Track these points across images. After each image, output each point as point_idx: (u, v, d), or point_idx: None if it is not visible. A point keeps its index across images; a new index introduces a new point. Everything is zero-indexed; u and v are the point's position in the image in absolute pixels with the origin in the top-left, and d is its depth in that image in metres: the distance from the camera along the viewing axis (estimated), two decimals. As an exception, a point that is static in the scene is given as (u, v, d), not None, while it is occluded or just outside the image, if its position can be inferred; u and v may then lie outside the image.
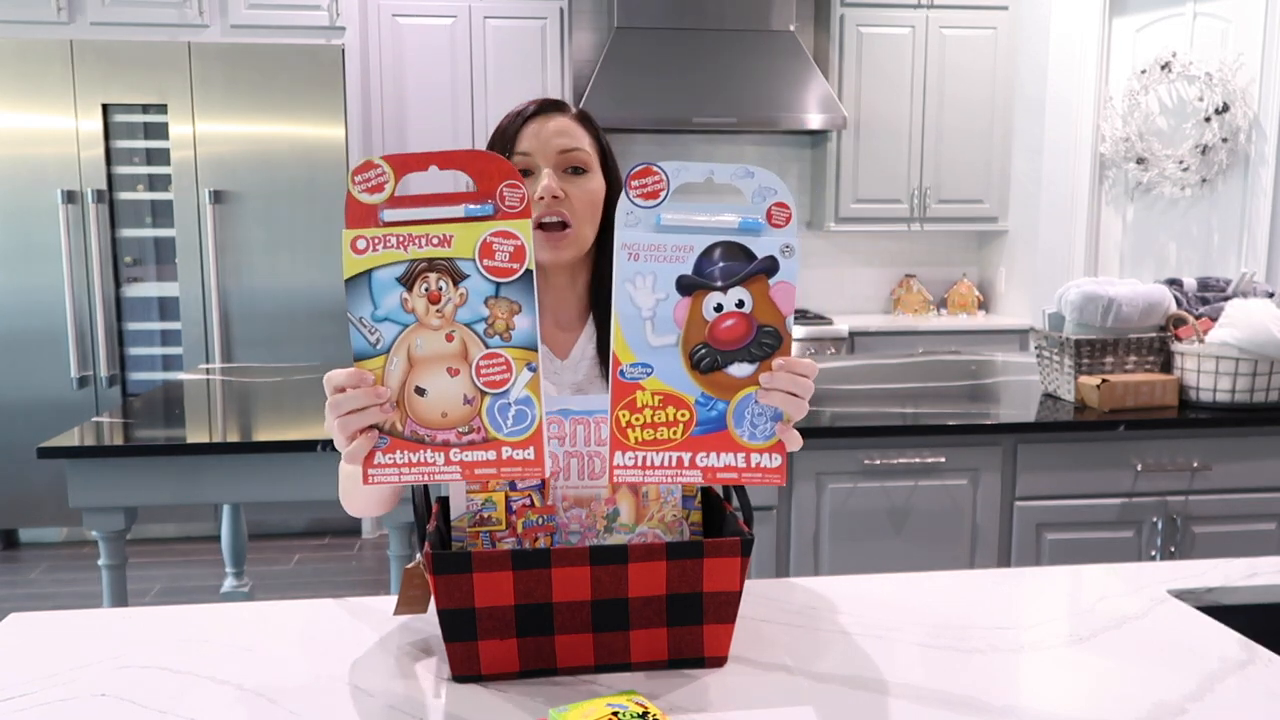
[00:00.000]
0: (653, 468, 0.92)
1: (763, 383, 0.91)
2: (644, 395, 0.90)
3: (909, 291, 4.97)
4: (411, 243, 0.88)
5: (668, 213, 0.88)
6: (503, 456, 0.92)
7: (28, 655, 1.12)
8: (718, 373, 0.90)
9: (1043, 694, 1.03)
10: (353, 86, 4.07)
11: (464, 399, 0.91)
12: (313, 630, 1.20)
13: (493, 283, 0.89)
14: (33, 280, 3.94)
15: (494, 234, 0.88)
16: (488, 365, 0.90)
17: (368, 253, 0.89)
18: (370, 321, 0.90)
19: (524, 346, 0.90)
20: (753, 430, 0.91)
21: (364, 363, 0.91)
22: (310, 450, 2.22)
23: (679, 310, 0.89)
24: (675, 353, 0.89)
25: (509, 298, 0.89)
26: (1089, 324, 2.51)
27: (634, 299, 0.88)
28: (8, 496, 4.02)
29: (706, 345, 0.89)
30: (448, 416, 0.91)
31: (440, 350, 0.90)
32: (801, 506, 2.39)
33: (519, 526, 1.10)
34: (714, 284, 0.88)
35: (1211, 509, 2.46)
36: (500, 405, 0.91)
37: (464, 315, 0.89)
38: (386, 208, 0.89)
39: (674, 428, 0.91)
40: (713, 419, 0.90)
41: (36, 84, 3.86)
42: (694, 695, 1.02)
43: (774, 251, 0.88)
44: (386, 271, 0.89)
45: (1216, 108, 3.79)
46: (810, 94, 4.44)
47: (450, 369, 0.90)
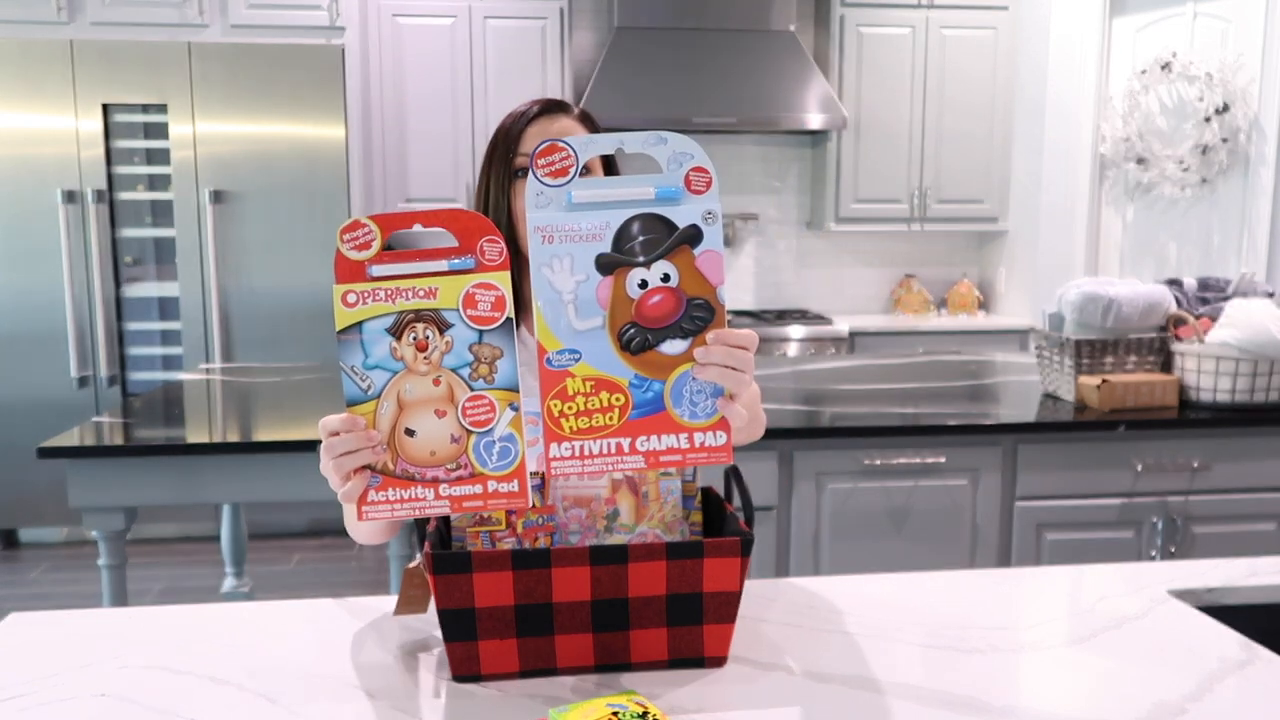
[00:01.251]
0: (591, 456, 0.90)
1: (697, 358, 0.88)
2: (574, 383, 0.88)
3: (909, 291, 4.97)
4: (399, 295, 0.94)
5: (578, 190, 0.84)
6: (489, 490, 0.97)
7: (28, 655, 1.12)
8: (650, 352, 0.87)
9: (1043, 694, 1.03)
10: (353, 86, 4.07)
11: (451, 438, 0.96)
12: (313, 630, 1.20)
13: (476, 330, 0.94)
14: (33, 280, 3.94)
15: (476, 285, 0.94)
16: (473, 406, 0.95)
17: (358, 306, 0.95)
18: (361, 369, 0.96)
19: (505, 388, 0.95)
20: (693, 409, 0.88)
21: (356, 408, 0.97)
22: (310, 450, 2.21)
23: (601, 290, 0.86)
24: (603, 335, 0.87)
25: (491, 343, 0.94)
26: (1089, 324, 2.51)
27: (553, 283, 0.86)
28: (8, 496, 4.02)
29: (635, 324, 0.86)
30: (436, 455, 0.97)
31: (428, 394, 0.96)
32: (801, 506, 2.39)
33: (519, 526, 1.10)
34: (635, 259, 0.85)
35: (1211, 509, 2.46)
36: (485, 443, 0.96)
37: (450, 361, 0.95)
38: (374, 263, 0.95)
39: (609, 413, 0.88)
40: (649, 401, 0.87)
41: (36, 84, 3.86)
42: (694, 695, 1.02)
43: (696, 220, 0.84)
44: (376, 323, 0.95)
45: (1216, 108, 3.79)
46: (810, 94, 4.44)
47: (438, 410, 0.96)
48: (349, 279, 0.95)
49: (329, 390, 2.91)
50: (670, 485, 1.14)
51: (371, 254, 0.95)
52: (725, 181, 4.91)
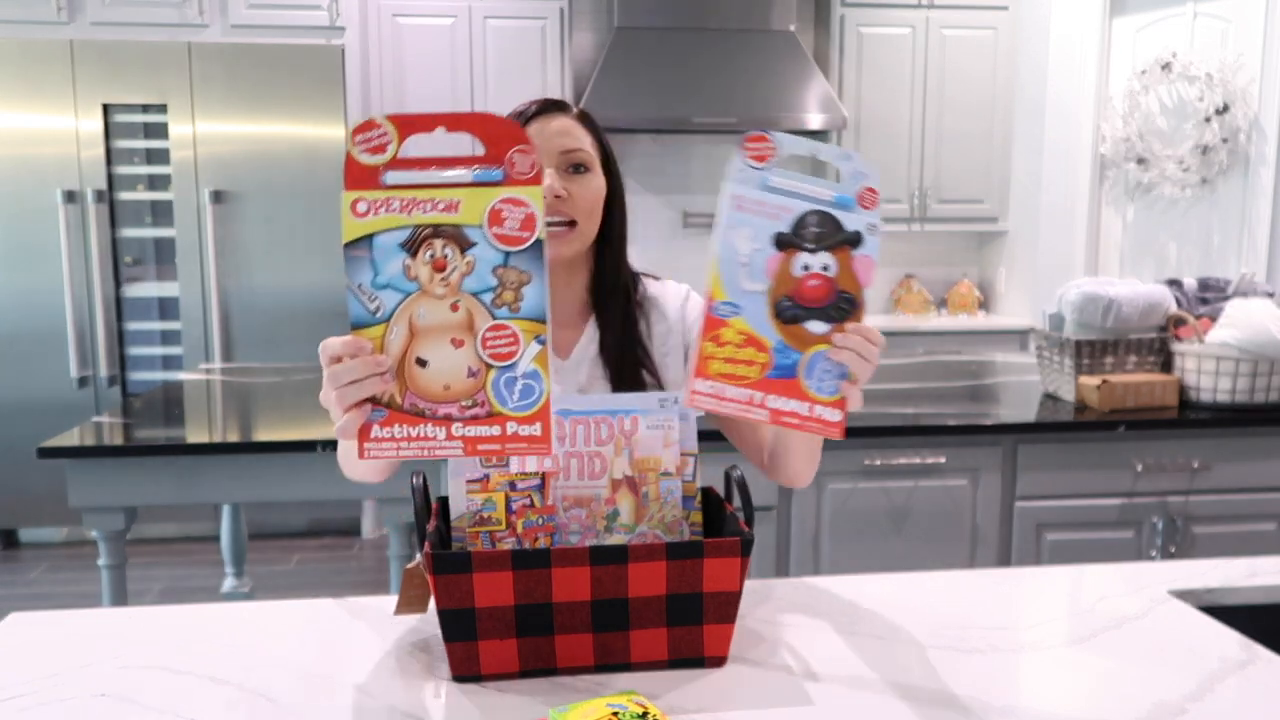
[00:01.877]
0: (725, 399, 0.97)
1: (836, 341, 0.97)
2: (729, 332, 0.96)
3: (909, 292, 4.97)
4: (416, 207, 0.85)
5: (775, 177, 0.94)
6: (507, 432, 0.89)
7: (28, 655, 1.12)
8: (797, 325, 0.96)
9: (1043, 694, 1.03)
10: (353, 86, 4.07)
11: (468, 371, 0.88)
12: (313, 630, 1.20)
13: (501, 251, 0.86)
14: (33, 280, 3.94)
15: (503, 200, 0.85)
16: (494, 337, 0.87)
17: (369, 216, 0.85)
18: (370, 288, 0.87)
19: (533, 318, 0.87)
20: (819, 384, 0.97)
21: (362, 331, 0.88)
22: (310, 450, 2.21)
23: (771, 263, 0.95)
24: (763, 300, 0.95)
25: (518, 267, 0.86)
26: (1089, 324, 2.51)
27: (734, 244, 0.94)
28: (8, 496, 4.02)
29: (791, 299, 0.96)
30: (450, 389, 0.88)
31: (444, 320, 0.87)
32: (801, 506, 2.39)
33: (519, 526, 1.09)
34: (805, 245, 0.95)
35: (1211, 509, 2.46)
36: (506, 379, 0.88)
37: (470, 284, 0.87)
38: (389, 170, 0.85)
39: (751, 366, 0.96)
40: (786, 366, 0.96)
41: (36, 84, 3.86)
42: (694, 695, 1.02)
43: (861, 228, 0.96)
44: (389, 236, 0.85)
45: (1217, 108, 3.79)
46: (810, 94, 4.44)
47: (454, 339, 0.87)
48: (360, 185, 0.86)
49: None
50: (670, 485, 1.14)
51: (386, 158, 0.85)
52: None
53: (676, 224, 4.88)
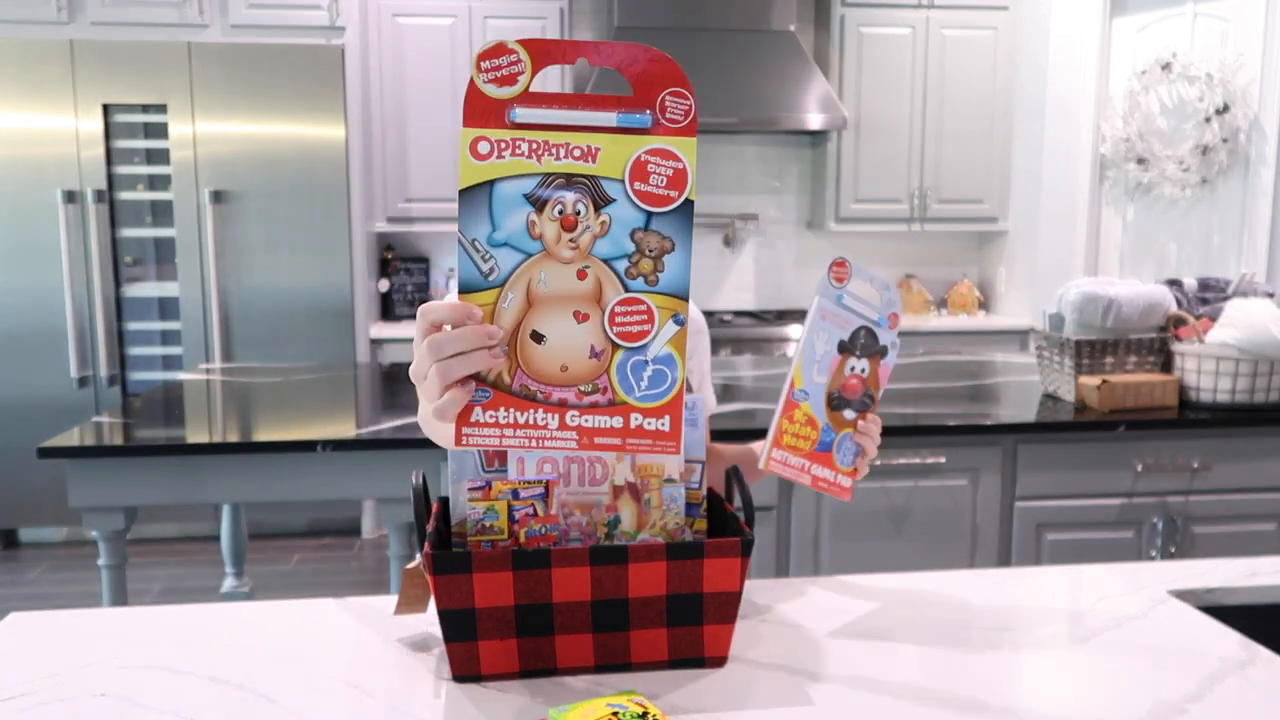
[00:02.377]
0: (789, 466, 1.19)
1: (860, 428, 1.23)
2: (799, 413, 1.18)
3: (909, 292, 4.96)
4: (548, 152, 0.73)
5: (849, 296, 1.19)
6: (631, 425, 0.78)
7: (28, 655, 1.12)
8: (838, 412, 1.21)
9: (1043, 694, 1.03)
10: (353, 86, 4.07)
11: (591, 351, 0.76)
12: (313, 630, 1.20)
13: (644, 211, 0.74)
14: (33, 280, 3.94)
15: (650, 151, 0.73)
16: (625, 312, 0.76)
17: (491, 158, 0.73)
18: (485, 245, 0.74)
19: (672, 293, 0.75)
20: (843, 458, 1.22)
21: (472, 295, 0.75)
22: (310, 450, 2.21)
23: (833, 363, 1.20)
24: (823, 391, 1.20)
25: (660, 231, 0.74)
26: (1089, 324, 2.51)
27: (815, 345, 1.18)
28: (8, 496, 4.01)
29: (838, 392, 1.21)
30: (568, 370, 0.77)
31: (569, 289, 0.75)
32: (801, 506, 2.39)
33: (521, 536, 1.09)
34: (855, 351, 1.21)
35: (1211, 509, 2.46)
36: (635, 362, 0.77)
37: (603, 249, 0.75)
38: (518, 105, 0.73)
39: (807, 441, 1.19)
40: (827, 444, 1.21)
41: (36, 84, 3.86)
42: (694, 695, 1.02)
43: (888, 343, 1.23)
44: (513, 185, 0.73)
45: (1217, 108, 3.79)
46: (810, 94, 4.44)
47: (578, 313, 0.75)
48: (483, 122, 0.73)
49: (329, 390, 2.91)
50: (673, 492, 1.13)
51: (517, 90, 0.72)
52: (725, 181, 4.92)
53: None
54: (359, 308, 4.08)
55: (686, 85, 0.73)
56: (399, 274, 4.58)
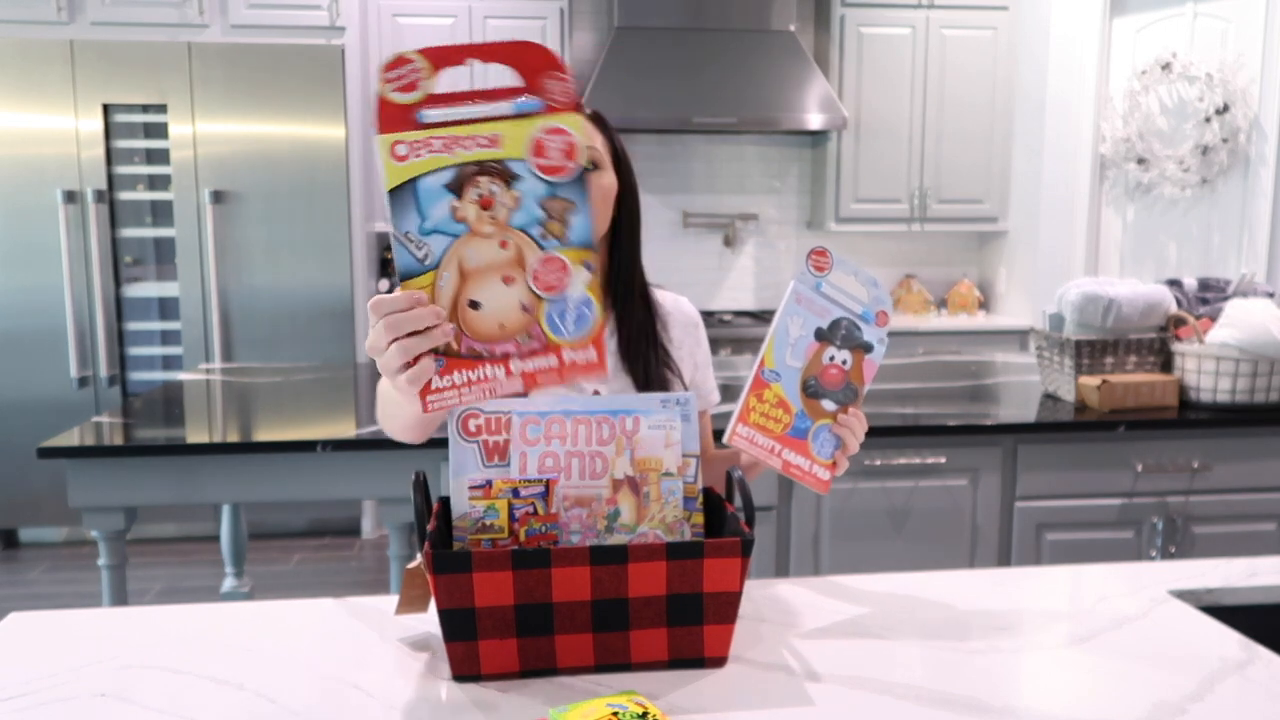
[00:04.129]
0: (756, 444, 1.18)
1: (840, 420, 1.20)
2: (769, 393, 1.17)
3: (909, 292, 4.96)
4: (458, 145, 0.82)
5: (827, 286, 1.19)
6: (565, 361, 0.90)
7: (28, 655, 1.12)
8: (815, 400, 1.19)
9: (1043, 694, 1.03)
10: (353, 86, 4.07)
11: (521, 307, 0.87)
12: (313, 630, 1.20)
13: (547, 182, 0.85)
14: (33, 280, 3.94)
15: (545, 130, 0.84)
16: (545, 269, 0.86)
17: (410, 159, 0.82)
18: (417, 236, 0.84)
19: (580, 245, 0.86)
20: (820, 449, 1.21)
21: (413, 281, 0.84)
22: (310, 450, 2.21)
23: (810, 349, 1.19)
24: (797, 375, 1.19)
25: (564, 196, 0.85)
26: (1089, 324, 2.51)
27: (788, 327, 1.18)
28: (8, 496, 4.01)
29: (816, 380, 1.20)
30: (505, 327, 0.87)
31: (494, 259, 0.85)
32: (801, 506, 2.39)
33: (521, 535, 1.09)
34: (835, 341, 1.19)
35: (1211, 509, 2.46)
36: (559, 309, 0.88)
37: (518, 219, 0.85)
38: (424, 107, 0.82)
39: (778, 424, 1.18)
40: (801, 430, 1.19)
41: (36, 84, 3.86)
42: (694, 695, 1.02)
43: (874, 340, 1.21)
44: (433, 178, 0.82)
45: (1217, 108, 3.79)
46: (810, 94, 4.44)
47: (505, 277, 0.86)
48: (395, 126, 0.82)
49: (329, 390, 2.91)
50: (672, 486, 1.14)
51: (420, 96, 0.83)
52: (725, 181, 4.92)
53: (676, 224, 4.89)
54: (359, 308, 4.08)
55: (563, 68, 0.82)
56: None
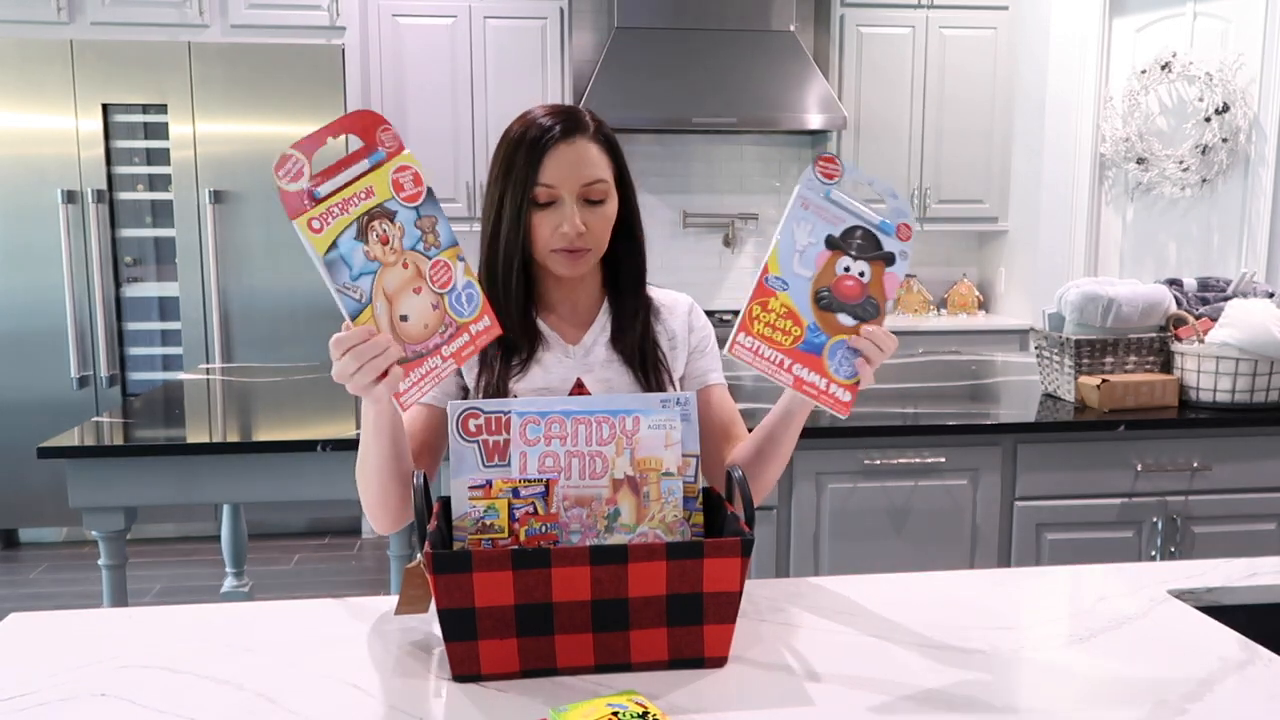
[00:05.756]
0: (761, 356, 1.13)
1: (863, 332, 1.13)
2: (775, 302, 1.11)
3: (909, 292, 4.97)
4: (350, 204, 1.04)
5: (837, 192, 1.12)
6: (472, 333, 1.11)
7: (28, 655, 1.12)
8: (829, 314, 1.12)
9: (1043, 694, 1.03)
10: (353, 86, 4.07)
11: (431, 307, 1.09)
12: (313, 630, 1.20)
13: (412, 208, 1.07)
14: (33, 280, 3.94)
15: (395, 171, 1.06)
16: (436, 272, 1.09)
17: (324, 229, 1.03)
18: (350, 284, 1.06)
19: (450, 245, 1.09)
20: (838, 367, 1.13)
21: (359, 319, 1.06)
22: (310, 450, 2.21)
23: (820, 257, 1.11)
24: (807, 285, 1.12)
25: (426, 214, 1.07)
26: (1089, 324, 2.51)
27: (794, 234, 1.11)
28: (8, 496, 4.01)
29: (829, 290, 1.12)
30: (429, 326, 1.09)
31: (403, 278, 1.07)
32: (801, 506, 2.39)
33: (521, 534, 1.09)
34: (850, 251, 1.12)
35: (1211, 509, 2.46)
36: (454, 297, 1.10)
37: (407, 243, 1.07)
38: (315, 186, 1.03)
39: (787, 336, 1.12)
40: (815, 344, 1.12)
41: (36, 84, 3.86)
42: (694, 695, 1.02)
43: (895, 251, 1.13)
44: (345, 236, 1.04)
45: (1216, 108, 3.79)
46: (810, 94, 4.44)
47: (415, 289, 1.08)
48: (303, 209, 1.02)
49: (329, 390, 2.91)
50: (671, 485, 1.14)
51: (307, 181, 1.02)
52: (725, 181, 4.92)
53: (676, 224, 4.89)
54: (359, 308, 4.07)
55: (384, 121, 1.06)
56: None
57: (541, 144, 1.25)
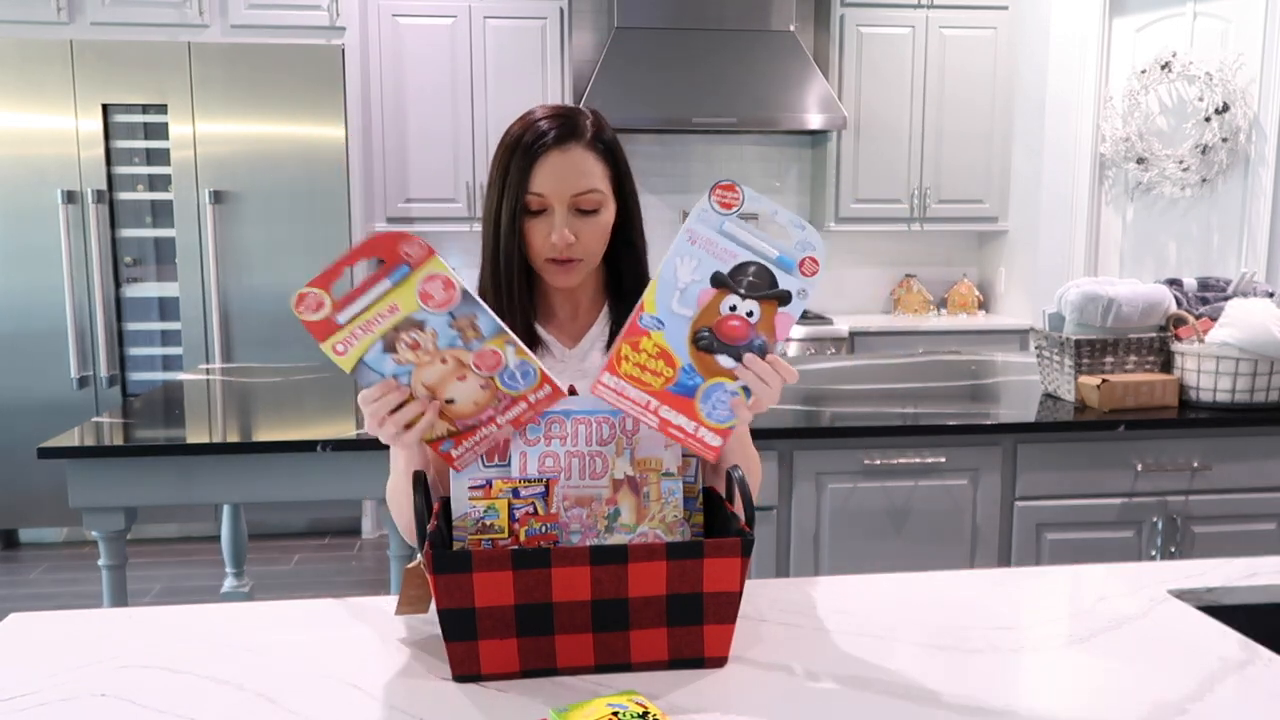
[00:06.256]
0: (626, 397, 1.08)
1: (745, 361, 1.07)
2: (647, 342, 1.06)
3: (909, 291, 4.97)
4: (372, 325, 1.05)
5: (731, 225, 1.05)
6: (531, 401, 1.10)
7: (28, 655, 1.12)
8: (708, 355, 1.06)
9: (1043, 694, 1.03)
10: (353, 86, 4.07)
11: (480, 387, 1.08)
12: (313, 630, 1.20)
13: (444, 313, 1.06)
14: (33, 280, 3.94)
15: (424, 281, 1.05)
16: (480, 359, 1.07)
17: (348, 351, 1.06)
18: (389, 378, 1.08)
19: (495, 334, 1.07)
20: (711, 410, 1.08)
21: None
22: (310, 450, 2.21)
23: (703, 296, 1.05)
24: (685, 324, 1.06)
25: (462, 314, 1.06)
26: (1089, 324, 2.51)
27: (677, 271, 1.05)
28: (8, 496, 4.01)
29: (710, 331, 1.06)
30: (479, 404, 1.09)
31: (444, 371, 1.08)
32: (801, 506, 2.39)
33: (521, 535, 1.09)
34: (738, 289, 1.05)
35: (1211, 509, 2.46)
36: (506, 375, 1.08)
37: (442, 343, 1.07)
38: (335, 313, 1.05)
39: (657, 377, 1.07)
40: (688, 386, 1.07)
41: (36, 84, 3.86)
42: (694, 695, 1.02)
43: (793, 289, 1.06)
44: (372, 353, 1.07)
45: (1216, 108, 3.79)
46: (810, 94, 4.44)
47: (459, 376, 1.08)
48: (327, 335, 1.05)
49: (329, 390, 2.91)
50: (672, 486, 1.14)
51: (328, 311, 1.05)
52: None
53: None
54: (359, 308, 4.08)
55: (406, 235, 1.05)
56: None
57: (533, 151, 1.23)
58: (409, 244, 1.05)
